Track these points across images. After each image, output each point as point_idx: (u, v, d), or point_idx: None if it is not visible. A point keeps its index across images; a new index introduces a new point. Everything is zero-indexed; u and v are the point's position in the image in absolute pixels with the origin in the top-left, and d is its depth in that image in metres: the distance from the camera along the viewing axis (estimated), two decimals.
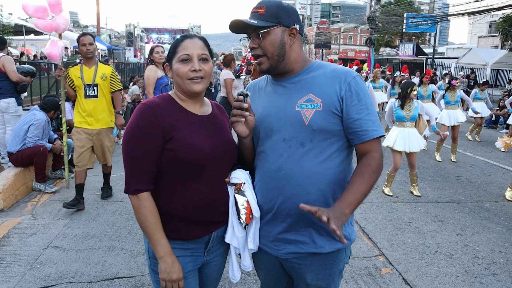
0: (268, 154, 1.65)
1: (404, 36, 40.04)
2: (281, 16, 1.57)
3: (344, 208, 1.42)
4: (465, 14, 20.09)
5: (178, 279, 1.58)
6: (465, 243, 4.16)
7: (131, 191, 1.55)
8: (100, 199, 5.04)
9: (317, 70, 1.63)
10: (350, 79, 1.57)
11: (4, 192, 4.64)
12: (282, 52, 1.59)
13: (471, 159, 8.22)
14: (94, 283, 3.17)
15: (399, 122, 5.55)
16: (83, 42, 4.45)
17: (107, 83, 4.61)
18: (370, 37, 24.19)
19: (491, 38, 36.42)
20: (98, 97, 4.55)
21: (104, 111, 4.63)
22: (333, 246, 1.64)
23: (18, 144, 5.14)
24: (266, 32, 1.56)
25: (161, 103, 1.61)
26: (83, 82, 4.48)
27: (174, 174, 1.59)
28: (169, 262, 1.57)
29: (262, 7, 1.57)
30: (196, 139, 1.59)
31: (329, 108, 1.55)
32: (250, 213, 1.63)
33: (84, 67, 4.54)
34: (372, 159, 1.55)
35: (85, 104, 4.54)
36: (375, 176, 1.54)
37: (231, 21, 1.58)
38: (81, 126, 4.57)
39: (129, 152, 1.56)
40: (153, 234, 1.57)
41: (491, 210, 5.19)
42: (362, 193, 1.50)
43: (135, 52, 39.35)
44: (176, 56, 1.61)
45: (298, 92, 1.60)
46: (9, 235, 3.97)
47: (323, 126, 1.56)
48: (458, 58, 24.67)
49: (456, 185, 6.30)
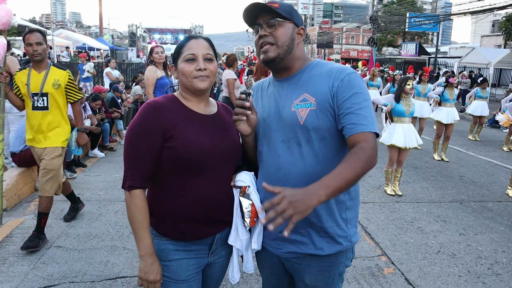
0: (267, 155, 1.65)
1: (406, 35, 39.99)
2: (294, 15, 1.62)
3: (318, 189, 1.26)
4: (468, 13, 20.06)
5: (154, 281, 1.59)
6: (468, 243, 4.15)
7: (125, 186, 1.58)
8: (102, 199, 5.05)
9: (315, 69, 1.63)
10: (343, 75, 1.54)
11: (7, 192, 4.66)
12: (291, 46, 1.61)
13: (474, 158, 8.19)
14: (96, 282, 3.18)
15: (397, 117, 5.54)
16: (29, 41, 3.56)
17: (61, 92, 3.73)
18: (372, 37, 24.09)
19: (494, 37, 36.26)
20: (49, 109, 3.67)
21: (56, 127, 3.73)
22: (333, 249, 1.63)
23: (21, 144, 5.16)
24: (281, 22, 1.59)
25: (165, 103, 1.63)
26: (29, 90, 3.61)
27: (175, 173, 1.60)
28: (148, 262, 1.58)
29: (276, 2, 1.60)
30: (196, 137, 1.59)
31: (323, 106, 1.54)
32: (255, 216, 1.63)
33: (32, 72, 3.67)
34: (360, 149, 1.41)
35: (32, 117, 3.68)
36: (363, 165, 1.37)
37: (249, 5, 1.59)
38: (31, 144, 3.77)
39: (128, 149, 1.59)
40: (138, 231, 1.58)
41: (494, 210, 5.17)
42: (345, 179, 1.32)
43: (138, 52, 39.39)
44: (182, 56, 1.63)
45: (295, 92, 1.61)
46: (12, 234, 3.98)
47: (318, 125, 1.54)
48: (461, 58, 24.57)
49: (459, 184, 6.28)
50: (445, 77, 12.34)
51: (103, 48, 31.43)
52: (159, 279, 1.60)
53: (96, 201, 4.98)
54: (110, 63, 11.90)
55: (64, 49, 24.47)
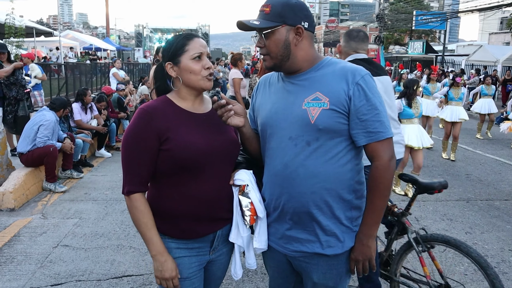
0: (275, 152, 1.64)
1: (413, 33, 39.70)
2: (286, 15, 1.54)
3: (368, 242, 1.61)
4: (475, 11, 19.88)
5: (171, 277, 1.60)
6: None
7: (124, 192, 1.61)
8: (109, 199, 5.09)
9: (327, 68, 1.60)
10: (358, 78, 1.53)
11: (15, 192, 4.71)
12: (286, 52, 1.57)
13: (481, 157, 8.13)
14: (103, 281, 3.21)
15: (407, 119, 5.51)
16: None
17: None
18: (379, 35, 23.98)
19: (502, 35, 35.89)
20: None
21: None
22: (340, 248, 1.62)
23: (28, 144, 5.21)
24: (269, 33, 1.55)
25: (158, 106, 1.63)
26: None
27: (174, 173, 1.61)
28: (161, 261, 1.60)
29: (268, 5, 1.56)
30: (190, 136, 1.60)
31: (336, 107, 1.52)
32: (255, 215, 1.63)
33: None
34: (376, 169, 1.56)
35: None
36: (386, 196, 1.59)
37: (236, 22, 1.58)
38: None
39: (125, 155, 1.61)
40: (145, 233, 1.60)
41: (501, 209, 5.13)
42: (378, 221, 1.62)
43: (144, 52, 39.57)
44: (187, 54, 1.61)
45: (306, 90, 1.58)
46: (20, 234, 4.03)
47: (329, 126, 1.53)
48: (469, 55, 24.37)
49: (466, 183, 6.24)
50: (452, 74, 12.30)
51: (110, 48, 31.63)
52: (175, 275, 1.62)
53: (103, 201, 5.02)
54: (115, 63, 11.67)
55: (69, 50, 24.58)
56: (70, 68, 14.30)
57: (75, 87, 12.79)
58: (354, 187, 1.62)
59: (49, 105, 5.64)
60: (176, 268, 1.62)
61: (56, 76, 14.05)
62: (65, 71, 13.89)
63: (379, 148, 1.55)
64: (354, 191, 1.62)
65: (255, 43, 1.66)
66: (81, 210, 4.67)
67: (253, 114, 1.81)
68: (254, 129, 1.79)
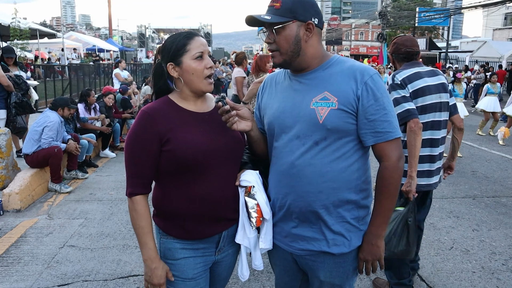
0: (282, 151, 1.62)
1: (416, 30, 39.55)
2: (297, 11, 1.52)
3: (377, 242, 1.61)
4: (479, 6, 19.73)
5: (158, 284, 1.60)
6: (481, 239, 4.09)
7: (127, 193, 1.60)
8: (114, 199, 5.10)
9: (335, 67, 1.58)
10: (367, 77, 1.51)
11: (21, 193, 4.73)
12: (297, 48, 1.55)
13: (487, 153, 8.08)
14: (109, 281, 3.21)
15: None
16: None
17: None
18: (382, 32, 23.89)
19: (507, 31, 35.68)
20: None
21: None
22: (346, 247, 1.61)
23: (33, 145, 5.23)
24: (280, 28, 1.53)
25: (159, 107, 1.61)
26: None
27: (177, 174, 1.59)
28: (151, 267, 1.59)
29: (278, 1, 1.53)
30: (192, 136, 1.57)
31: (345, 107, 1.51)
32: (261, 216, 1.61)
33: None
34: (384, 170, 1.56)
35: None
36: (394, 196, 1.58)
37: (246, 17, 1.57)
38: None
39: (127, 157, 1.60)
40: (141, 236, 1.60)
41: (508, 205, 5.10)
42: (386, 222, 1.61)
43: (147, 53, 39.65)
44: (188, 54, 1.58)
45: (314, 89, 1.56)
46: (27, 234, 4.04)
47: (338, 125, 1.52)
48: (473, 52, 24.27)
49: (472, 180, 6.21)
50: (452, 71, 12.25)
51: (112, 49, 31.72)
52: (163, 283, 1.61)
53: (108, 201, 5.03)
54: (120, 64, 11.67)
55: (72, 51, 24.65)
56: (73, 69, 14.35)
57: (78, 88, 12.84)
58: (361, 186, 1.60)
59: (50, 106, 5.65)
60: (165, 276, 1.62)
61: (60, 77, 14.10)
62: (68, 72, 13.95)
63: (387, 148, 1.54)
64: (361, 190, 1.61)
65: (263, 39, 1.63)
66: (86, 211, 4.68)
67: (260, 113, 1.78)
68: (260, 128, 1.77)
